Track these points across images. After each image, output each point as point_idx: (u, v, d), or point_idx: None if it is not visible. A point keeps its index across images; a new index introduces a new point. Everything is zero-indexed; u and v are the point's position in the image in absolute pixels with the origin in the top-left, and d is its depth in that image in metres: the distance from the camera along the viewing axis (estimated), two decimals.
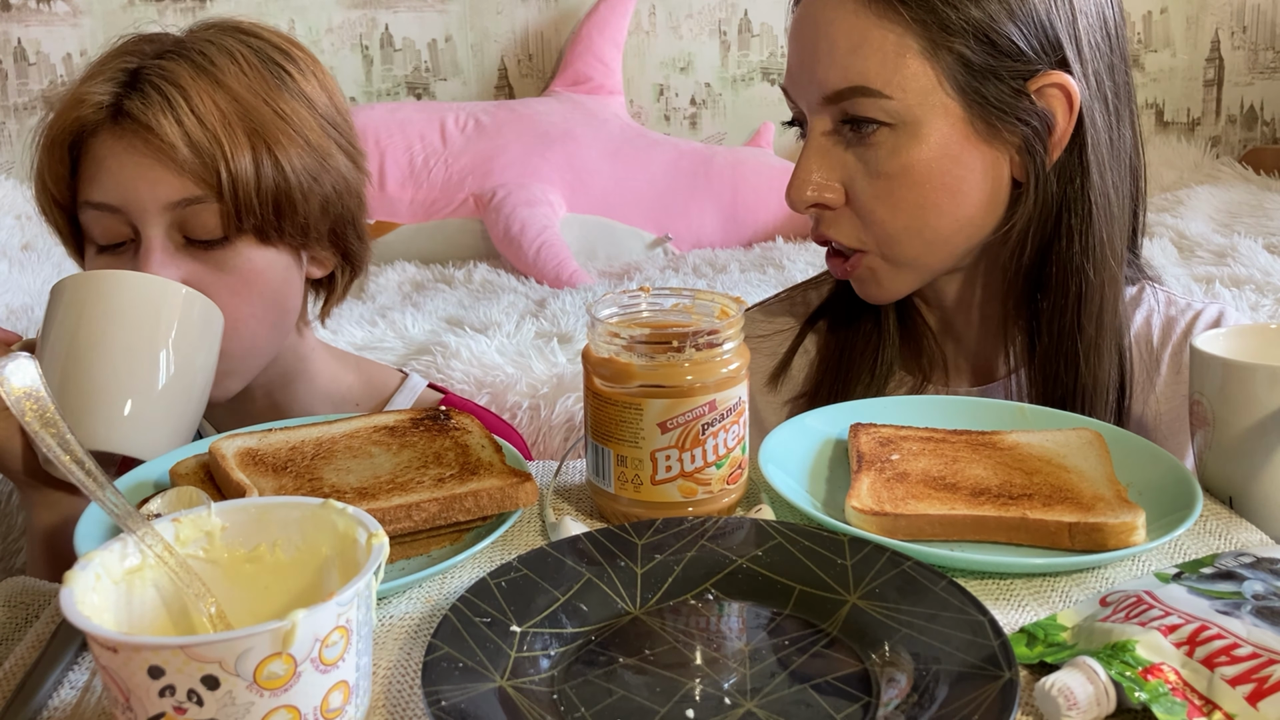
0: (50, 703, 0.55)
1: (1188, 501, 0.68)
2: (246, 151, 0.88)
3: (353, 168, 0.97)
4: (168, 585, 0.54)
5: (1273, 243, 2.10)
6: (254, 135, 0.89)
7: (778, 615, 0.60)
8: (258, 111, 0.90)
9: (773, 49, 3.03)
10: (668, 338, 0.68)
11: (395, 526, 0.66)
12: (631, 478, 0.70)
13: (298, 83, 0.93)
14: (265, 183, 0.89)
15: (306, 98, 0.94)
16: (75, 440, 0.54)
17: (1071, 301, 0.90)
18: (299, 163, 0.91)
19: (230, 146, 0.88)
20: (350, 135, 0.98)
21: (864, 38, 0.85)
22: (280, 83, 0.92)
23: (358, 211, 0.99)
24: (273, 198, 0.90)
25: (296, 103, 0.93)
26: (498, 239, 2.37)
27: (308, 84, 0.94)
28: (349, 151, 0.97)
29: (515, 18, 2.90)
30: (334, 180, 0.95)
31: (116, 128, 0.89)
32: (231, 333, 0.90)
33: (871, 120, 0.86)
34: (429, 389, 1.15)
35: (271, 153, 0.89)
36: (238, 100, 0.89)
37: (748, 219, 2.61)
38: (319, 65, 0.98)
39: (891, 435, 0.78)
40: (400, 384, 1.14)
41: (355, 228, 0.99)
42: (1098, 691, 0.51)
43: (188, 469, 0.74)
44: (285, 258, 0.95)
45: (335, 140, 0.96)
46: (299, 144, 0.92)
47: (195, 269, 0.90)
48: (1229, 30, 3.20)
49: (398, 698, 0.55)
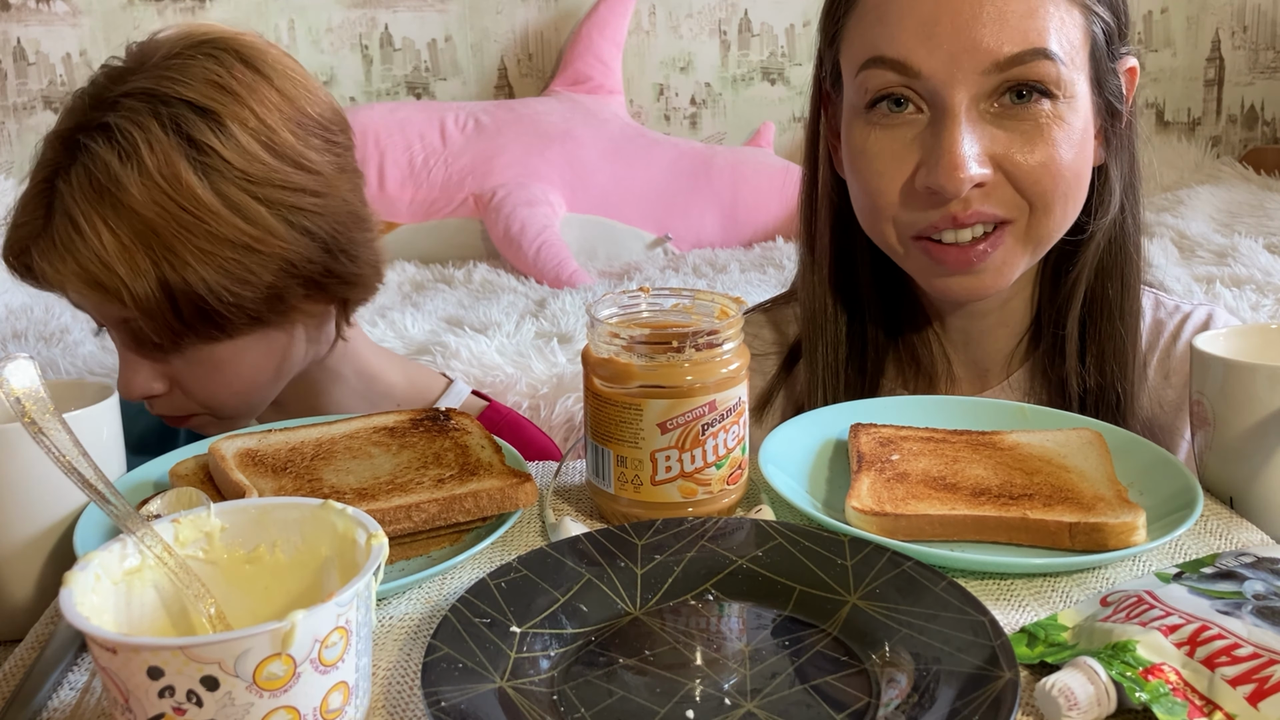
0: (50, 703, 0.55)
1: (1188, 501, 0.68)
2: (149, 276, 0.85)
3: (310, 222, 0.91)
4: (167, 586, 0.54)
5: (1273, 243, 2.10)
6: (155, 255, 0.85)
7: (778, 616, 0.60)
8: (161, 226, 0.85)
9: (773, 49, 3.03)
10: (668, 338, 0.68)
11: (395, 527, 0.66)
12: (631, 478, 0.70)
13: (220, 154, 0.86)
14: (180, 298, 0.87)
15: (234, 170, 0.87)
16: (75, 440, 0.54)
17: (1131, 283, 0.92)
18: (214, 265, 0.86)
19: (129, 276, 0.85)
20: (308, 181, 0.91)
21: (1038, 3, 0.82)
22: (198, 164, 0.86)
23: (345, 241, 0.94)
24: (193, 307, 0.87)
25: (221, 185, 0.86)
26: (498, 239, 2.37)
27: (233, 150, 0.87)
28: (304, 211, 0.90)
29: (515, 18, 2.90)
30: (278, 259, 0.89)
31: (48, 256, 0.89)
32: (219, 405, 0.95)
33: (1041, 87, 0.82)
34: (473, 396, 1.15)
35: (178, 267, 0.86)
36: (139, 217, 0.85)
37: (748, 219, 2.61)
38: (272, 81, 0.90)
39: (891, 435, 0.78)
40: (445, 389, 1.14)
41: (333, 274, 0.94)
42: (1098, 692, 0.51)
43: (187, 469, 0.74)
44: (255, 337, 0.93)
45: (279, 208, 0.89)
46: (216, 248, 0.86)
47: (165, 369, 0.93)
48: (1229, 30, 3.20)
49: (398, 698, 0.55)
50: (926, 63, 0.82)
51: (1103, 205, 0.90)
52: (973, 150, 0.82)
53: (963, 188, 0.82)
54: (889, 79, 0.84)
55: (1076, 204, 0.88)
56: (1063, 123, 0.83)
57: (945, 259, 0.86)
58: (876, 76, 0.84)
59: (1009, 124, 0.83)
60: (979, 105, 0.83)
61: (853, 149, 0.88)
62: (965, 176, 0.81)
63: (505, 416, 1.13)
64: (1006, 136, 0.83)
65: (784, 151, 2.96)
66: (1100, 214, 0.90)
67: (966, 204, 0.83)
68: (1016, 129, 0.83)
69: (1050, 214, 0.85)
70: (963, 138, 0.81)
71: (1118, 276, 0.92)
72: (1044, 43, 0.81)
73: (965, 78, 0.81)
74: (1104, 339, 0.93)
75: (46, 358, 1.66)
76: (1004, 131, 0.83)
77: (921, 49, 0.82)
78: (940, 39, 0.81)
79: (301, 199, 0.90)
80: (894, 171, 0.85)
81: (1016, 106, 0.83)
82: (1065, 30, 0.83)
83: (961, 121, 0.82)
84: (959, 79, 0.81)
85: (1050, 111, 0.83)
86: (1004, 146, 0.83)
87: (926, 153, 0.83)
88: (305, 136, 0.91)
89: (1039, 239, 0.87)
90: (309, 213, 0.91)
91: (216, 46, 0.90)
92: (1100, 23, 0.85)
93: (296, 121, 0.91)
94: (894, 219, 0.87)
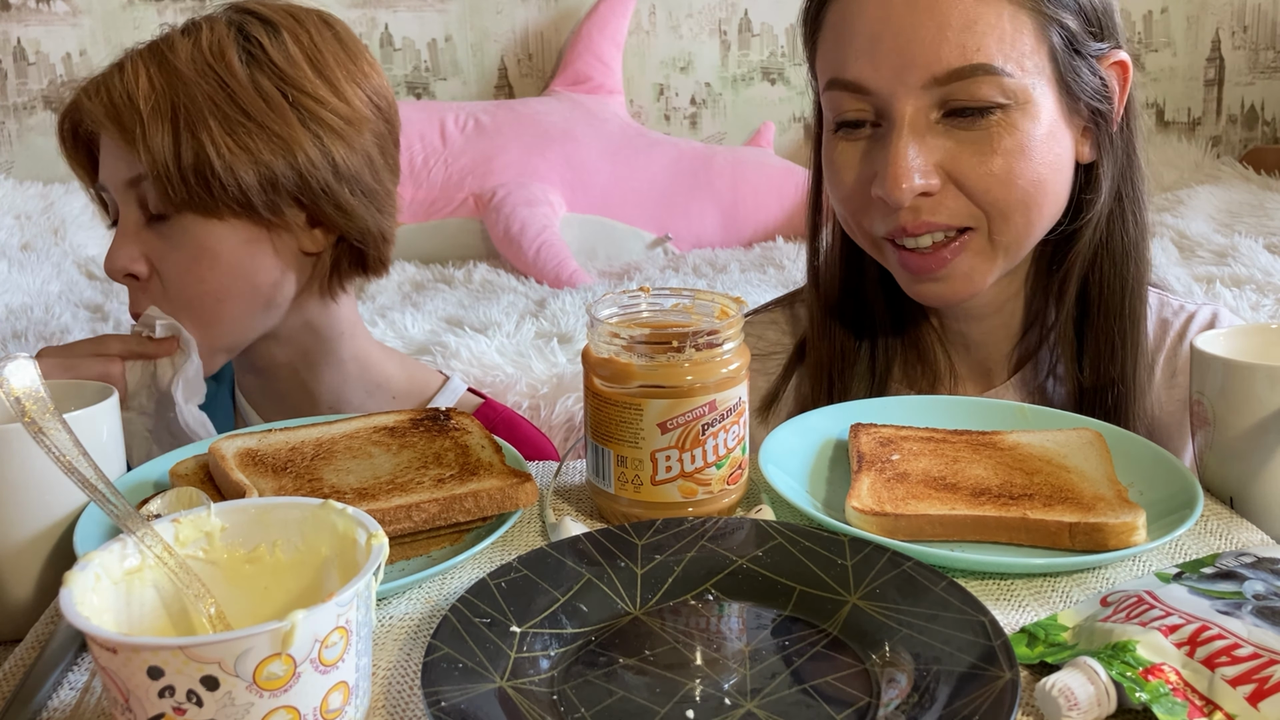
0: (50, 703, 0.55)
1: (1188, 501, 0.68)
2: (167, 126, 0.91)
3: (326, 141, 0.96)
4: (167, 586, 0.54)
5: (1273, 242, 2.10)
6: (178, 107, 0.91)
7: (778, 616, 0.60)
8: (192, 85, 0.92)
9: (773, 49, 3.03)
10: (668, 338, 0.68)
11: (395, 527, 0.66)
12: (631, 478, 0.70)
13: (267, 52, 0.94)
14: (185, 155, 0.91)
15: (274, 67, 0.94)
16: (75, 440, 0.54)
17: (1130, 283, 0.91)
18: (226, 132, 0.92)
19: (149, 118, 0.91)
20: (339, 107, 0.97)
21: (977, 14, 0.82)
22: (244, 51, 0.94)
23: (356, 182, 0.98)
24: (196, 172, 0.91)
25: (257, 73, 0.94)
26: (498, 239, 2.37)
27: (279, 51, 0.95)
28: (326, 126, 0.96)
29: (515, 17, 2.90)
30: (285, 154, 0.94)
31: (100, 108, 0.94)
32: (198, 308, 0.95)
33: (987, 100, 0.82)
34: (468, 393, 1.16)
35: (195, 125, 0.91)
36: (176, 74, 0.92)
37: (748, 219, 2.61)
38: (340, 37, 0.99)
39: (892, 435, 0.78)
40: (441, 386, 1.15)
41: (334, 200, 0.97)
42: (1098, 692, 0.51)
43: (188, 469, 0.74)
44: (242, 232, 0.95)
45: (304, 113, 0.95)
46: (234, 119, 0.92)
47: (154, 246, 0.95)
48: (1229, 30, 3.20)
49: (398, 698, 0.55)
50: (873, 79, 0.84)
51: (1088, 204, 0.90)
52: (916, 162, 0.83)
53: (905, 198, 0.84)
54: (845, 102, 0.87)
55: (1042, 209, 0.87)
56: (1015, 130, 0.83)
57: (908, 264, 0.89)
58: (837, 99, 0.88)
59: (959, 134, 0.84)
60: (927, 116, 0.84)
61: (825, 156, 0.92)
62: (907, 187, 0.83)
63: (500, 414, 1.13)
64: (956, 147, 0.84)
65: (784, 151, 2.96)
66: (1086, 212, 0.90)
67: (915, 213, 0.85)
68: (966, 139, 0.84)
69: (1009, 221, 0.86)
70: (907, 150, 0.83)
71: (1116, 276, 0.92)
72: (983, 57, 0.82)
73: (908, 92, 0.83)
74: (1102, 339, 0.92)
75: None
76: (954, 142, 0.84)
77: (868, 66, 0.84)
78: (883, 55, 0.83)
79: (327, 116, 0.96)
80: (853, 180, 0.89)
81: (964, 118, 0.84)
82: (1011, 38, 0.82)
83: (905, 134, 0.84)
84: (901, 93, 0.83)
85: (1000, 120, 0.83)
86: (953, 157, 0.84)
87: (878, 164, 0.86)
88: (351, 83, 0.98)
89: (1006, 246, 0.88)
90: (330, 131, 0.96)
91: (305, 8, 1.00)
92: (1057, 25, 0.84)
93: (347, 69, 0.98)
94: (860, 225, 0.90)
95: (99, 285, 2.15)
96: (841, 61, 0.86)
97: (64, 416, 0.54)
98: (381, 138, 1.01)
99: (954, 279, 0.88)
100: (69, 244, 2.34)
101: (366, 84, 0.99)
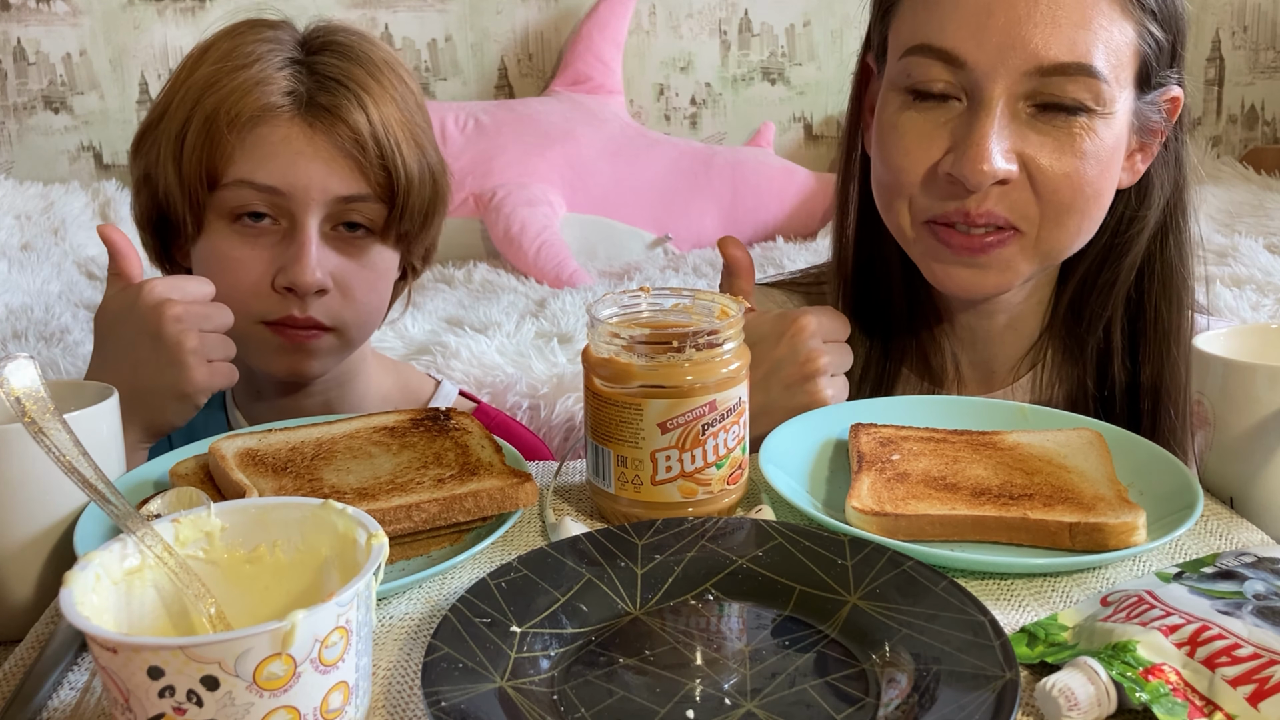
0: (50, 703, 0.55)
1: (1188, 501, 0.68)
2: (415, 155, 0.95)
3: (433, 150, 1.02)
4: (167, 586, 0.54)
5: (1273, 243, 2.10)
6: (412, 142, 0.95)
7: (778, 616, 0.60)
8: (411, 116, 0.96)
9: (773, 49, 3.03)
10: (668, 338, 0.68)
11: (395, 527, 0.65)
12: (631, 478, 0.70)
13: (412, 91, 0.99)
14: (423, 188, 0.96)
15: (418, 104, 0.99)
16: (75, 440, 0.54)
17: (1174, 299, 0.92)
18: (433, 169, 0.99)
19: (405, 149, 0.94)
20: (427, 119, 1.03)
21: (1092, 14, 0.81)
22: (409, 91, 0.99)
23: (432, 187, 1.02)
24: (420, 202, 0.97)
25: (416, 110, 0.98)
26: (498, 239, 2.37)
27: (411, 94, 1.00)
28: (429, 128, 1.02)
29: (515, 17, 2.90)
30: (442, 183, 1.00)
31: (307, 116, 0.93)
32: (365, 318, 0.98)
33: (1079, 102, 0.82)
34: (461, 398, 1.16)
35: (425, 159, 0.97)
36: (398, 105, 0.95)
37: (748, 219, 2.61)
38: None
39: (892, 435, 0.78)
40: (434, 391, 1.15)
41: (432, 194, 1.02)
42: (1099, 692, 0.51)
43: (188, 469, 0.74)
44: (396, 259, 1.01)
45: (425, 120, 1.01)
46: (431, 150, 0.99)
47: (340, 262, 0.96)
48: (1229, 30, 3.19)
49: (398, 698, 0.55)
50: (973, 54, 0.82)
51: (1138, 219, 0.90)
52: (1001, 145, 0.82)
53: (985, 180, 0.82)
54: (933, 71, 0.84)
55: (1091, 220, 0.87)
56: (1095, 136, 0.83)
57: (951, 241, 0.86)
58: (921, 66, 0.84)
59: (1043, 127, 0.83)
60: (1016, 103, 0.82)
61: (884, 123, 0.88)
62: (989, 170, 0.81)
63: (494, 418, 1.14)
64: (1038, 139, 0.83)
65: (784, 151, 2.96)
66: (1136, 227, 0.90)
67: (982, 201, 0.83)
68: (1049, 133, 0.83)
69: (1062, 225, 0.85)
70: (994, 131, 0.81)
71: (1169, 297, 0.93)
72: (1089, 58, 0.81)
73: (1008, 73, 0.81)
74: (1158, 360, 0.93)
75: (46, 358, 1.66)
76: (1036, 134, 0.83)
77: (971, 40, 0.82)
78: (991, 31, 0.81)
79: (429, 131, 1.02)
80: (920, 152, 0.85)
81: (1053, 113, 0.83)
82: (1115, 46, 0.82)
83: (996, 115, 0.82)
84: (1001, 73, 0.81)
85: (1085, 124, 0.83)
86: (1034, 148, 0.83)
87: (956, 140, 0.83)
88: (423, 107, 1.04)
89: (1047, 252, 0.87)
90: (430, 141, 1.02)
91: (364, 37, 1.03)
92: (1151, 39, 0.84)
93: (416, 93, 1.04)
94: (911, 199, 0.87)
95: (99, 285, 2.15)
96: (939, 28, 0.83)
97: (64, 416, 0.54)
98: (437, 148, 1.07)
99: (993, 268, 0.86)
100: (69, 244, 2.33)
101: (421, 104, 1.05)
